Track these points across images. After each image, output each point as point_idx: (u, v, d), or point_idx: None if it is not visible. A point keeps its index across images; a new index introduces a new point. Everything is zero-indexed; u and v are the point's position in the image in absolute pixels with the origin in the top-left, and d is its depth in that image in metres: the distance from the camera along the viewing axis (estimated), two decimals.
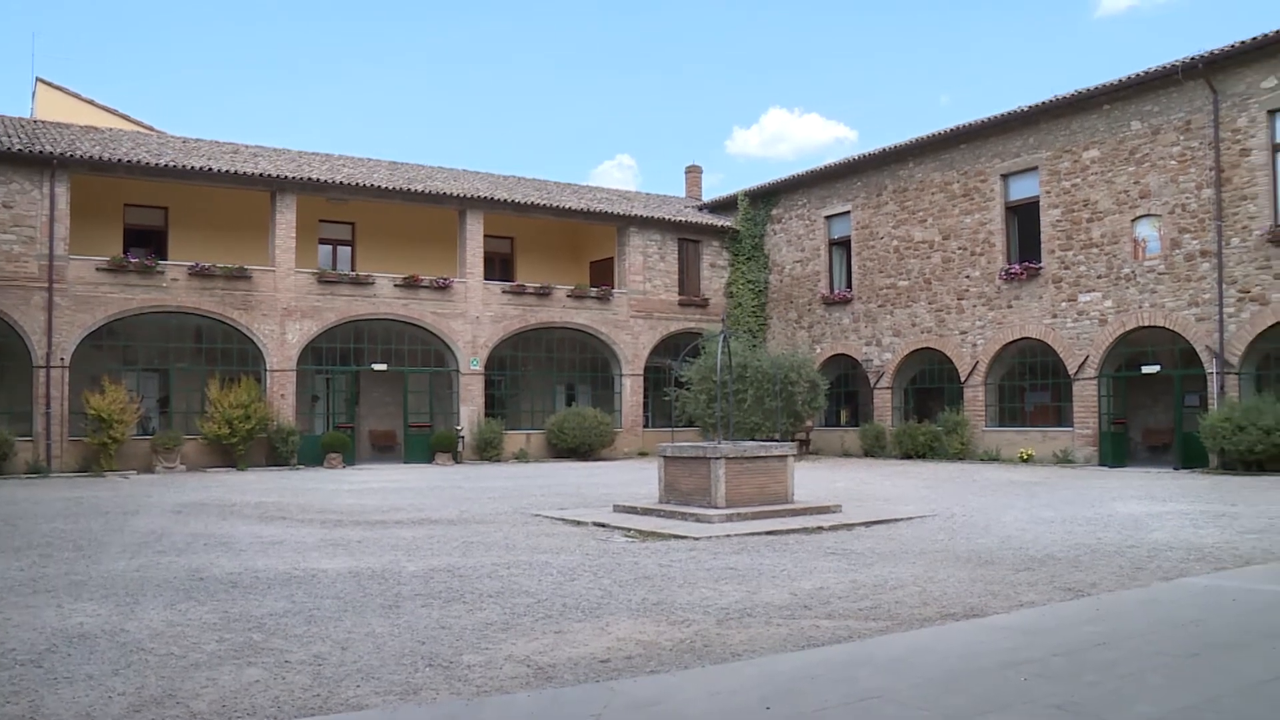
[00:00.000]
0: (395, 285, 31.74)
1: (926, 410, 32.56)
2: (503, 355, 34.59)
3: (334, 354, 31.88)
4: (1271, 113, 23.88)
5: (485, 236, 33.87)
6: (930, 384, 32.78)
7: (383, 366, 32.18)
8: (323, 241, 34.12)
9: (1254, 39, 23.68)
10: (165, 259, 29.66)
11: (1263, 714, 5.26)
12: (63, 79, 68.81)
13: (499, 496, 19.42)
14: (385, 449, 33.79)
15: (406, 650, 6.84)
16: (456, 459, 31.54)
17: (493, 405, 34.40)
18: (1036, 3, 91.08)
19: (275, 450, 28.99)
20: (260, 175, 29.73)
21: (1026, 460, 28.04)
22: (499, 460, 32.18)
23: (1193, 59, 24.72)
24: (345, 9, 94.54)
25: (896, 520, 14.61)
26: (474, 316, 33.00)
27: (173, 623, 7.72)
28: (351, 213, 33.80)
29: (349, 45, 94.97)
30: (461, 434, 32.08)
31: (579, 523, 14.65)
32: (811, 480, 21.79)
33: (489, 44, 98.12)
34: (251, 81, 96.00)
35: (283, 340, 29.86)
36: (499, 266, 36.99)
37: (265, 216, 31.05)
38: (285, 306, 29.98)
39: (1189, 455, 24.99)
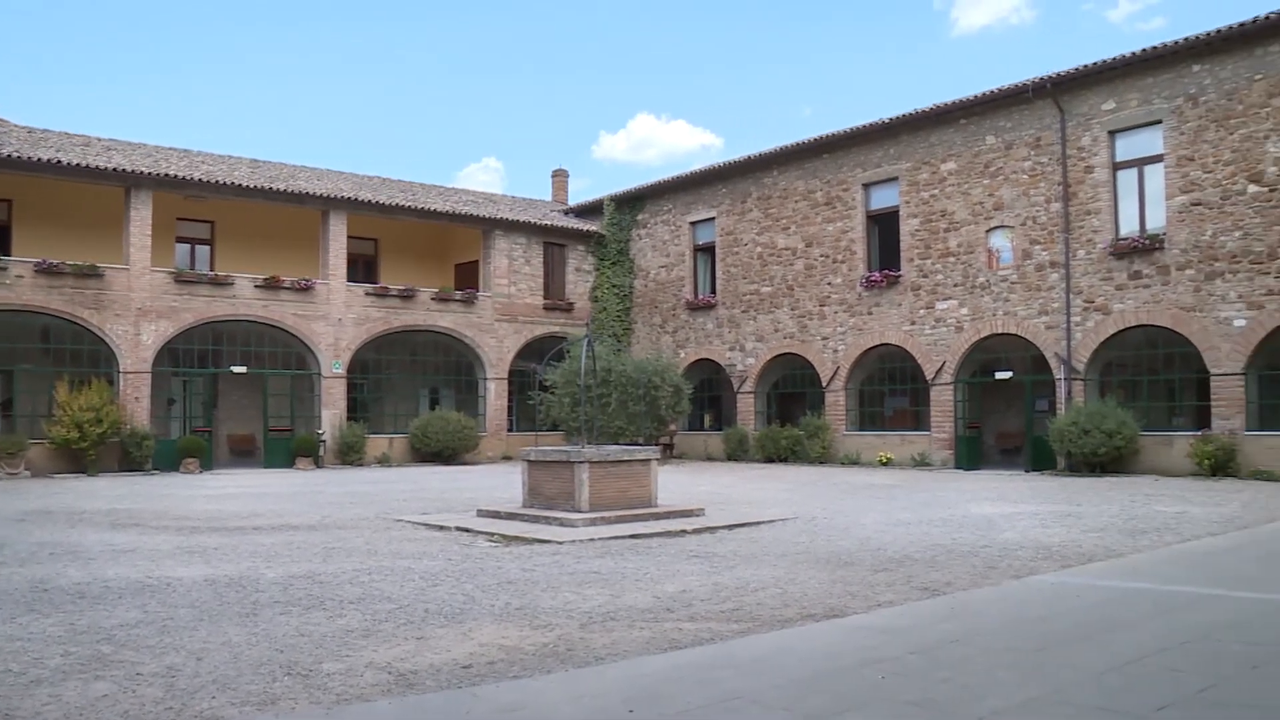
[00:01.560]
0: (256, 286, 31.02)
1: (789, 415, 33.08)
2: (366, 358, 34.08)
3: (191, 356, 30.95)
4: (1112, 133, 24.99)
5: (349, 238, 33.32)
6: (792, 389, 33.30)
7: (242, 369, 31.42)
8: (180, 240, 33.12)
9: (1096, 64, 24.84)
10: (9, 255, 28.46)
11: (1101, 701, 5.49)
12: None
13: (361, 501, 19.13)
14: (244, 453, 32.98)
15: (265, 659, 6.68)
16: (318, 463, 30.97)
17: (355, 409, 33.87)
18: (897, 20, 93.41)
19: (129, 455, 28.01)
20: (114, 170, 28.70)
21: (886, 464, 28.69)
22: (361, 465, 31.69)
23: (1042, 79, 25.68)
24: (207, 3, 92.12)
25: (759, 523, 14.79)
26: (337, 319, 32.45)
27: (12, 637, 7.37)
28: (211, 211, 32.90)
29: (212, 41, 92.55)
30: (323, 438, 31.50)
31: (442, 528, 14.51)
32: (675, 484, 21.93)
33: (356, 43, 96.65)
34: (103, 75, 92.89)
35: (137, 341, 28.90)
36: (363, 268, 36.44)
37: (119, 213, 29.93)
38: (140, 306, 29.01)
39: (1039, 458, 25.89)
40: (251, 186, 30.91)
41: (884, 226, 30.36)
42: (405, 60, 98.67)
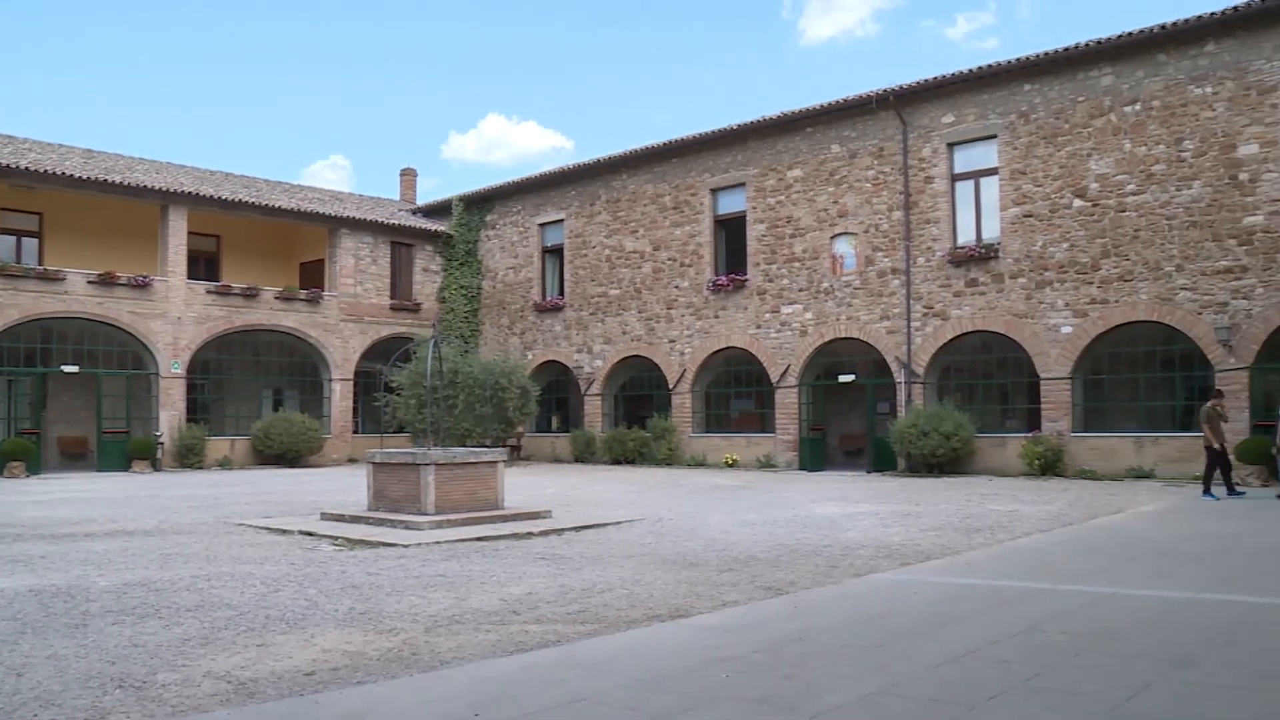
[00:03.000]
0: (89, 282, 29.80)
1: (636, 417, 33.29)
2: (206, 358, 33.10)
3: (17, 354, 29.57)
4: (951, 145, 25.88)
5: (189, 234, 32.27)
6: (640, 391, 33.52)
7: (74, 368, 30.14)
8: (5, 232, 31.57)
9: (937, 78, 25.75)
10: None
11: (936, 694, 5.69)
12: None
13: (201, 505, 18.58)
14: (76, 457, 31.69)
15: (94, 672, 6.43)
16: (155, 467, 29.96)
17: (195, 410, 32.87)
18: (747, 28, 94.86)
19: None
20: None
21: (732, 465, 29.09)
22: (202, 468, 30.77)
23: (885, 91, 26.43)
24: None
25: (605, 525, 14.85)
26: (176, 317, 31.42)
27: None
28: (39, 202, 31.45)
29: (40, 22, 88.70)
30: (161, 440, 30.48)
31: (285, 531, 14.20)
32: (522, 486, 21.88)
33: (199, 32, 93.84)
34: None
35: None
36: (204, 266, 35.32)
37: None
38: None
39: (880, 459, 26.59)
40: (85, 178, 29.67)
41: (731, 231, 30.79)
42: (251, 52, 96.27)
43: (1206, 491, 18.14)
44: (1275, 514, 15.69)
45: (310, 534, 13.81)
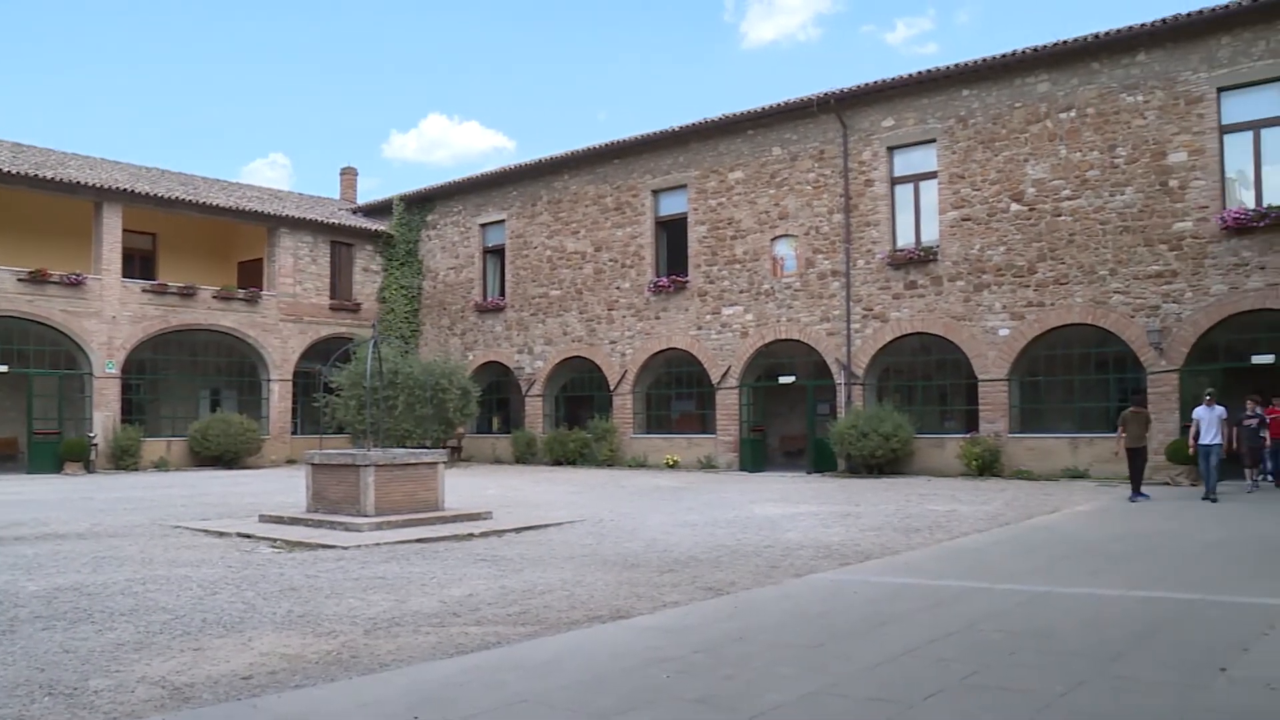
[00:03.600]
0: (20, 280, 29.19)
1: (577, 418, 33.26)
2: (142, 358, 32.59)
3: None
4: (891, 149, 26.13)
5: (125, 231, 31.74)
6: (581, 392, 33.49)
7: (3, 368, 29.55)
8: None
9: (877, 83, 26.01)
10: None
11: (875, 693, 5.76)
12: None
13: (136, 508, 18.29)
14: (5, 459, 31.09)
15: (22, 679, 6.31)
16: (89, 468, 29.45)
17: (131, 411, 32.36)
18: (690, 30, 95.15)
19: None
20: None
21: (672, 466, 29.14)
22: (137, 469, 30.30)
23: (826, 95, 26.62)
24: None
25: (546, 526, 14.84)
26: (110, 316, 30.91)
27: None
28: None
29: None
30: (95, 442, 29.95)
31: (222, 534, 14.03)
32: (463, 487, 21.78)
33: (134, 28, 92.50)
34: None
35: None
36: (140, 264, 34.74)
37: None
38: None
39: (820, 460, 26.77)
40: (14, 173, 29.03)
41: (672, 233, 30.86)
42: (189, 48, 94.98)
43: (1136, 493, 18.46)
44: (1203, 513, 16.02)
45: (248, 536, 13.67)
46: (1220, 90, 21.72)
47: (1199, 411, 18.57)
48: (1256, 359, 21.83)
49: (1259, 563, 10.89)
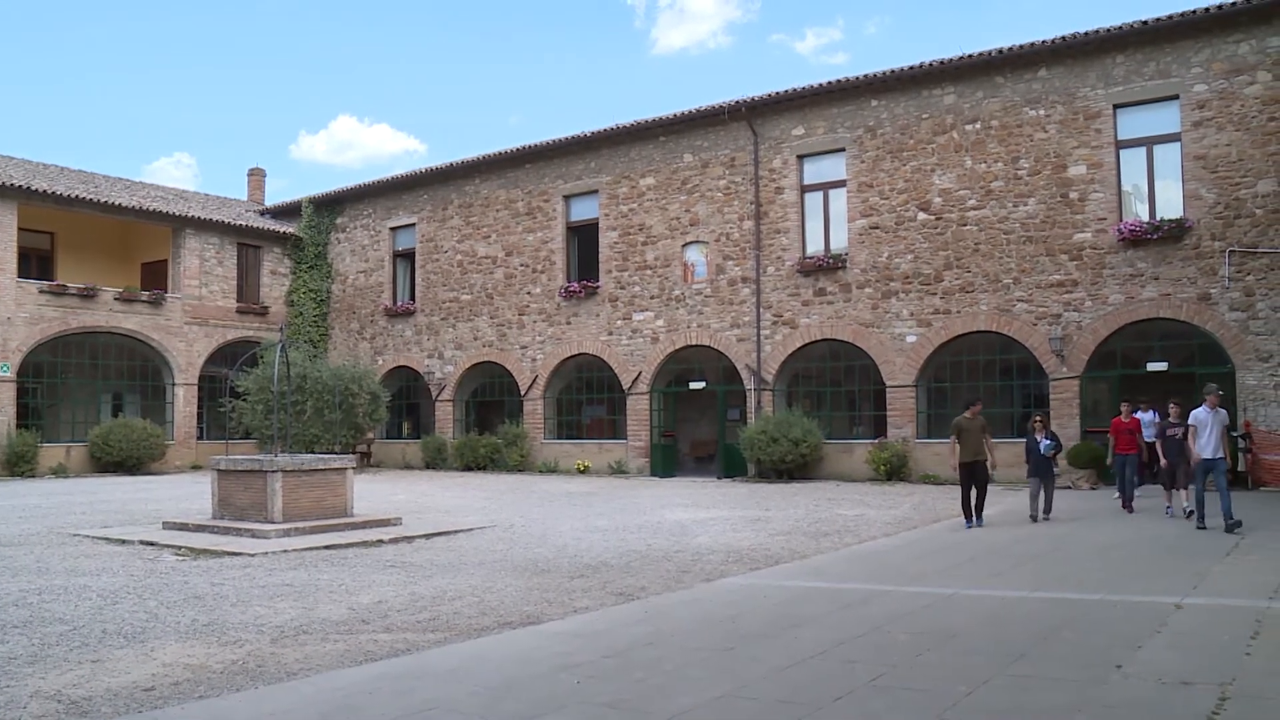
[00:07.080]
0: None
1: (487, 423, 33.11)
2: (40, 361, 31.71)
3: None
4: (801, 157, 26.42)
5: (20, 230, 30.83)
6: (491, 397, 33.33)
7: None
8: None
9: (787, 91, 26.24)
10: None
11: (784, 695, 5.82)
12: None
13: (32, 515, 17.78)
14: None
15: None
16: None
17: (27, 415, 31.45)
18: (601, 35, 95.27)
19: None
20: None
21: (584, 471, 29.12)
22: (34, 476, 29.45)
23: (738, 103, 26.83)
24: None
25: (456, 532, 14.76)
26: (5, 317, 30.03)
27: None
28: None
29: None
30: None
31: (125, 541, 13.73)
32: (372, 493, 21.57)
33: (33, 18, 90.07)
34: None
35: None
36: (37, 263, 33.83)
37: None
38: None
39: (731, 465, 26.94)
40: None
41: (584, 238, 30.85)
42: (90, 41, 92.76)
43: (972, 518, 15.15)
44: (1101, 518, 16.37)
45: (151, 544, 13.40)
46: (1116, 106, 22.35)
47: (1199, 414, 14.20)
48: (1151, 366, 22.50)
49: (1153, 562, 11.17)
